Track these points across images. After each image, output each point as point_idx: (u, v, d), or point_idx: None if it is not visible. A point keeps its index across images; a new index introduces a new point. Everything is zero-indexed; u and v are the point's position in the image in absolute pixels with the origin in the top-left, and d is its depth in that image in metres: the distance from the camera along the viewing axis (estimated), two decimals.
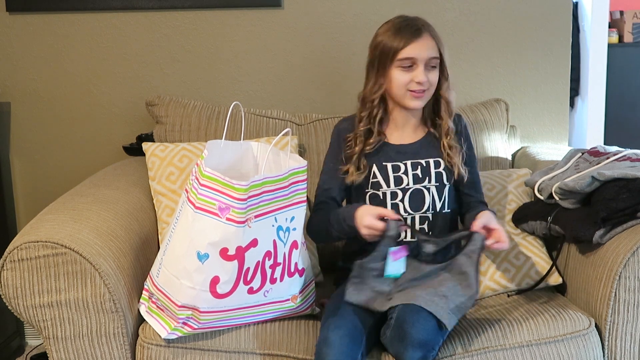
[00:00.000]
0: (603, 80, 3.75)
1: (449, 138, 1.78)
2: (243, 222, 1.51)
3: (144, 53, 2.39)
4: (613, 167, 1.74)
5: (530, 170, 2.07)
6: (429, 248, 1.63)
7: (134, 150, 2.27)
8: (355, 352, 1.50)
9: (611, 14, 4.16)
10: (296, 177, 1.61)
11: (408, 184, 1.76)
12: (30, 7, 2.35)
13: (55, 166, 2.45)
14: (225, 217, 1.50)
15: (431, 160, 1.78)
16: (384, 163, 1.77)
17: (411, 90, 1.72)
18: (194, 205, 1.54)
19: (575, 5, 3.66)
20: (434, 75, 1.73)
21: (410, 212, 1.75)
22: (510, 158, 2.30)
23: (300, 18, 2.38)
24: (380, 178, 1.77)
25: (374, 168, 1.77)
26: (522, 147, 2.37)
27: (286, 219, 1.61)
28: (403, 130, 1.81)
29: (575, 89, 3.75)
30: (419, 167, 1.77)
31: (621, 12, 4.20)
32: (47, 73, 2.40)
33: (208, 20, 2.38)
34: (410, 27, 1.71)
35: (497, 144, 2.25)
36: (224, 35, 2.39)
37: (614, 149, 1.94)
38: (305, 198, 1.64)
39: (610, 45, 3.79)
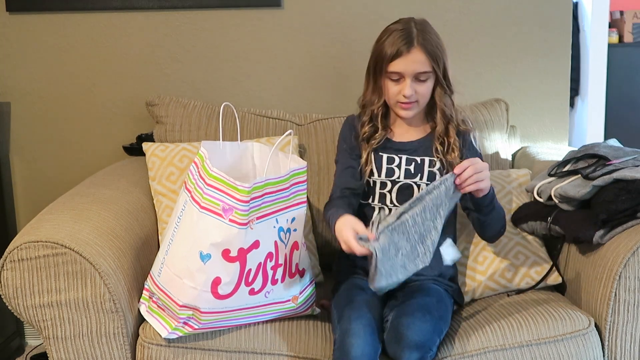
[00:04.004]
0: (603, 80, 3.75)
1: (445, 145, 1.79)
2: (245, 224, 1.51)
3: (144, 53, 2.39)
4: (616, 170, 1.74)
5: (530, 170, 2.07)
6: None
7: (134, 150, 2.27)
8: (377, 342, 1.53)
9: (611, 14, 4.17)
10: (297, 178, 1.61)
11: (399, 177, 1.79)
12: (30, 7, 2.35)
13: (55, 166, 2.45)
14: (228, 219, 1.50)
15: (426, 159, 1.81)
16: (380, 153, 1.82)
17: (400, 102, 1.76)
18: (199, 205, 1.54)
19: (575, 5, 3.66)
20: (424, 87, 1.75)
21: (397, 205, 1.78)
22: (510, 158, 2.30)
23: (300, 18, 2.38)
24: (373, 166, 1.81)
25: (371, 156, 1.81)
26: (522, 147, 2.37)
27: (287, 220, 1.61)
28: (406, 129, 1.85)
29: (575, 89, 3.76)
30: (413, 162, 1.80)
31: (621, 12, 4.20)
32: (47, 73, 2.40)
33: (208, 20, 2.37)
34: (402, 39, 1.71)
35: (497, 144, 2.25)
36: (224, 35, 2.38)
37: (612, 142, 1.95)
38: (305, 199, 1.65)
39: (610, 45, 3.79)
